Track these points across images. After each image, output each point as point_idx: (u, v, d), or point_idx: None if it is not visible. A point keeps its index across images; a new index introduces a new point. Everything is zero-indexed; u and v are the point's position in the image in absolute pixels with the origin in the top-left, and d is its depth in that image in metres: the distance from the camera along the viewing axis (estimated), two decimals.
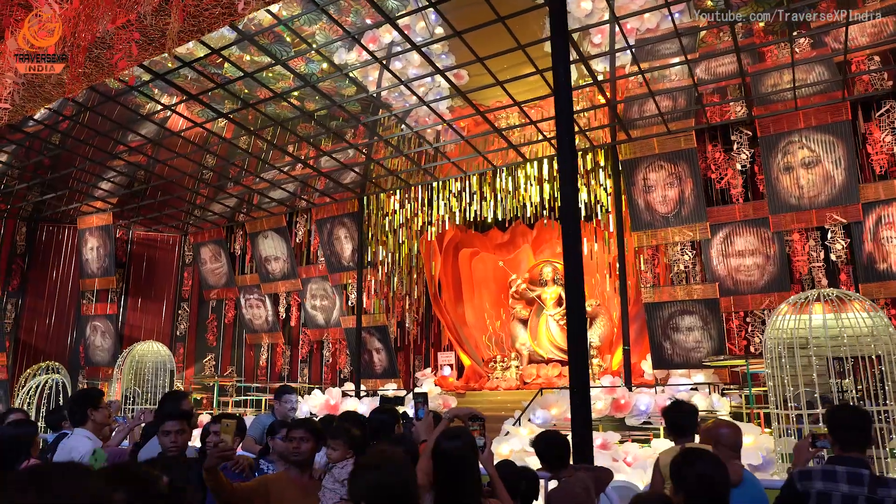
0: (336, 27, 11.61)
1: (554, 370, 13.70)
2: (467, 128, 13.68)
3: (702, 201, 10.58)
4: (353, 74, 12.16)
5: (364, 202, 13.13)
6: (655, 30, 11.18)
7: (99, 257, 14.40)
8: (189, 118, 11.16)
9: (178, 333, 15.56)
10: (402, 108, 11.35)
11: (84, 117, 11.55)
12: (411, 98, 12.85)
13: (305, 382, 14.44)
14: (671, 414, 3.65)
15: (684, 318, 10.99)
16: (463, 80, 12.94)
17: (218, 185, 13.79)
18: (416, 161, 11.93)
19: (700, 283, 10.87)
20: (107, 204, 14.30)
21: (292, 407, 5.20)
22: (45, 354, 14.31)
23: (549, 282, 14.46)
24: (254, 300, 14.85)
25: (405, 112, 11.73)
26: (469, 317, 15.03)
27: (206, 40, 11.08)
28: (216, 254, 15.26)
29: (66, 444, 3.90)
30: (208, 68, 12.64)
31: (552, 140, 11.15)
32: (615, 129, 11.13)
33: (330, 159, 12.48)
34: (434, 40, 10.04)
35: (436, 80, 12.57)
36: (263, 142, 13.45)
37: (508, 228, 15.37)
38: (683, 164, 10.59)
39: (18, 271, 14.55)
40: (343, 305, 13.64)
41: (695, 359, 10.84)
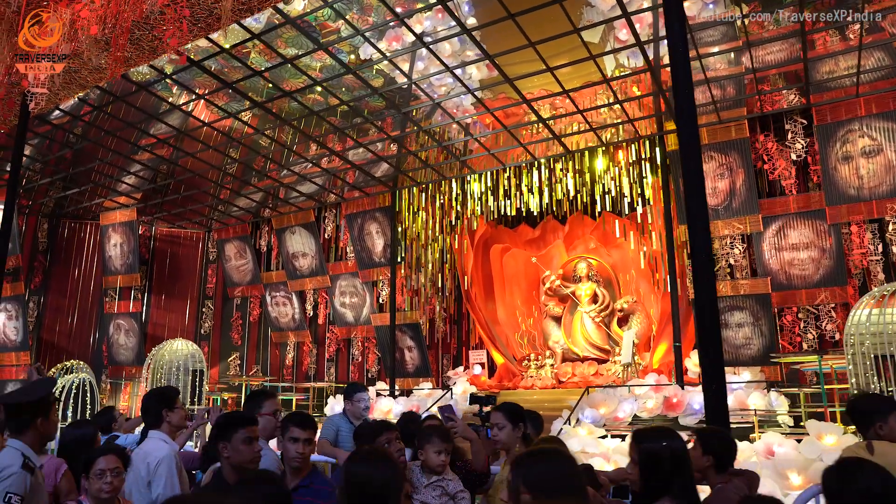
0: (366, 17, 11.35)
1: (590, 368, 13.33)
2: (492, 124, 13.32)
3: (753, 193, 10.20)
4: (381, 67, 11.85)
5: (396, 196, 12.76)
6: (694, 19, 10.86)
7: (122, 254, 14.08)
8: (217, 105, 10.79)
9: (203, 332, 15.22)
10: (436, 99, 10.97)
11: (107, 110, 11.23)
12: (440, 89, 12.52)
13: (332, 381, 14.09)
14: (860, 403, 3.30)
15: (734, 314, 10.61)
16: (492, 72, 12.60)
17: (243, 180, 13.45)
18: (453, 151, 11.55)
19: (751, 278, 10.48)
20: (130, 199, 13.98)
21: (366, 406, 4.84)
22: (68, 353, 13.98)
23: (584, 278, 14.08)
24: (280, 297, 14.50)
25: (445, 99, 11.37)
26: (500, 314, 14.66)
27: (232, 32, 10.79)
28: (241, 250, 14.92)
29: (141, 449, 3.54)
30: (231, 62, 12.35)
31: (598, 129, 10.78)
32: (661, 119, 10.76)
33: (360, 152, 12.14)
34: (473, 28, 9.69)
35: (466, 71, 12.25)
36: (291, 133, 13.13)
37: (539, 224, 15.02)
38: (735, 154, 10.21)
39: (40, 269, 14.23)
40: (374, 302, 13.29)
41: (745, 356, 10.46)
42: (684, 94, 3.99)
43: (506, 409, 3.48)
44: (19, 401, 2.83)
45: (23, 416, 2.78)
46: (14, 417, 2.79)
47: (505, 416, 3.42)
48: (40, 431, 2.83)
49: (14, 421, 2.79)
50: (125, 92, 10.44)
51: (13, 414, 2.80)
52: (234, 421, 2.87)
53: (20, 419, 2.79)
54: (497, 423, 3.41)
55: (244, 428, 2.83)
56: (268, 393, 3.77)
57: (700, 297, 3.93)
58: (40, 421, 2.82)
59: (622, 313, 13.86)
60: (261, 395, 3.75)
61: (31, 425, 2.80)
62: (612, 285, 14.20)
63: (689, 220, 4.09)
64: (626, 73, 10.25)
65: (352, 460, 2.38)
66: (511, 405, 3.56)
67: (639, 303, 13.88)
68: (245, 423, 2.87)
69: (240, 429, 2.82)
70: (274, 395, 3.78)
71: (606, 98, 11.69)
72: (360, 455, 2.44)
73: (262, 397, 3.73)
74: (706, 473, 2.97)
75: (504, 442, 3.40)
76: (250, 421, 2.89)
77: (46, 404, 2.88)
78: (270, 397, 3.75)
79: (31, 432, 2.81)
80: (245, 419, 2.89)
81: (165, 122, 11.00)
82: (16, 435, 2.79)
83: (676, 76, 4.06)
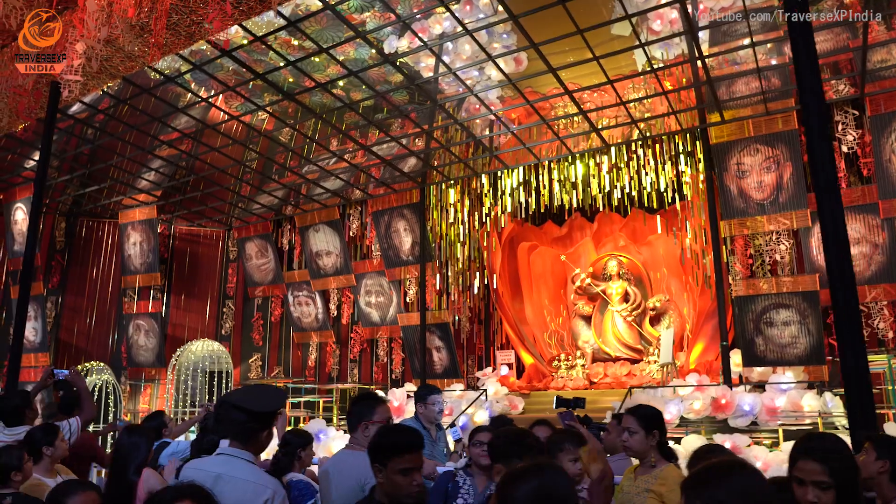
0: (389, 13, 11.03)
1: (622, 369, 12.98)
2: (518, 119, 12.99)
3: (801, 187, 9.83)
4: (405, 60, 11.54)
5: (425, 192, 12.41)
6: (730, 8, 10.55)
7: (142, 252, 13.75)
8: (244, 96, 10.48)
9: (223, 332, 14.88)
10: (465, 93, 10.64)
11: (124, 109, 10.94)
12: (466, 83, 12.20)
13: (356, 383, 13.75)
14: None
15: (779, 311, 10.23)
16: (522, 65, 12.28)
17: (267, 173, 13.12)
18: (485, 145, 11.20)
19: (797, 275, 10.12)
20: (150, 197, 13.66)
21: (440, 409, 4.48)
22: (87, 354, 13.66)
23: (614, 276, 13.74)
24: (303, 297, 14.16)
25: (483, 89, 11.06)
26: (528, 313, 14.32)
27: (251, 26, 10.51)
28: (262, 249, 14.58)
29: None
30: (253, 55, 12.05)
31: (638, 122, 10.43)
32: (703, 111, 10.42)
33: (385, 147, 11.82)
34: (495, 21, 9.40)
35: (485, 71, 11.94)
36: (314, 127, 12.82)
37: (566, 221, 14.68)
38: (782, 146, 9.85)
39: (58, 268, 13.90)
40: (401, 302, 12.94)
41: (791, 355, 10.09)
42: (808, 67, 3.60)
43: (640, 414, 3.13)
44: (262, 409, 2.43)
45: (251, 424, 2.41)
46: (242, 424, 2.42)
47: (638, 422, 3.08)
48: (262, 445, 2.47)
49: (240, 427, 2.43)
50: (144, 87, 10.14)
51: (241, 420, 2.43)
52: (391, 446, 2.33)
53: (248, 427, 2.42)
54: (629, 427, 3.08)
55: (401, 456, 2.31)
56: (379, 398, 3.27)
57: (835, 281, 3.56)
58: (266, 434, 2.46)
59: (654, 312, 13.52)
60: (371, 401, 3.22)
61: (257, 437, 2.45)
62: (643, 283, 13.86)
63: (821, 211, 3.68)
64: (672, 64, 9.90)
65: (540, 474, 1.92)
66: (647, 409, 3.21)
67: (671, 301, 13.53)
68: (404, 449, 2.32)
69: (395, 456, 2.30)
70: (385, 401, 3.27)
71: (645, 91, 11.38)
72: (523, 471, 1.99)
73: (374, 403, 3.19)
74: (879, 481, 2.62)
75: (636, 450, 3.06)
76: (410, 447, 2.34)
77: (273, 416, 2.51)
78: (382, 403, 3.21)
79: (255, 444, 2.46)
80: (404, 445, 2.34)
81: (188, 114, 10.67)
82: (242, 445, 2.43)
83: (797, 46, 3.68)
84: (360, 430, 3.05)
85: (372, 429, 2.96)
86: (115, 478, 3.82)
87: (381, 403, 3.14)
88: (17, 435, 4.50)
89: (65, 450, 4.20)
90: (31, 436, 4.06)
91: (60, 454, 4.09)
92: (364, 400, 3.19)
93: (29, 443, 3.95)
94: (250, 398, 2.42)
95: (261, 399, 2.42)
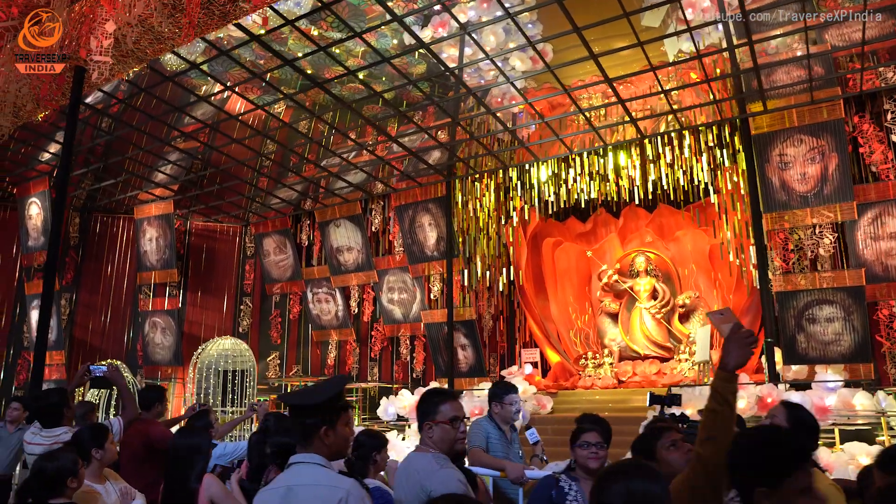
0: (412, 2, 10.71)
1: (652, 367, 12.67)
2: (541, 112, 12.65)
3: (847, 178, 9.50)
4: (423, 52, 11.21)
5: (451, 186, 12.07)
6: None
7: (158, 248, 13.42)
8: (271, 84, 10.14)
9: (241, 330, 14.54)
10: (486, 85, 10.30)
11: (138, 100, 10.61)
12: (487, 75, 11.87)
13: (376, 381, 13.42)
14: None
15: (822, 308, 9.89)
16: (548, 56, 11.93)
17: (287, 168, 12.78)
18: (517, 135, 10.86)
19: (841, 269, 9.78)
20: (166, 191, 13.32)
21: (518, 409, 4.15)
22: (102, 353, 13.33)
23: (642, 273, 13.42)
24: (322, 294, 13.83)
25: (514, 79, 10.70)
26: (553, 311, 14.00)
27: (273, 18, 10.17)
28: (281, 245, 14.24)
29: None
30: (272, 45, 11.72)
31: (677, 112, 10.10)
32: (743, 101, 10.07)
33: (408, 141, 11.49)
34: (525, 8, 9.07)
35: (509, 62, 11.60)
36: (336, 118, 12.48)
37: (590, 217, 14.36)
38: (828, 136, 9.50)
39: (72, 265, 13.57)
40: (425, 299, 12.61)
41: (834, 352, 9.75)
42: None
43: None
44: (312, 401, 2.10)
45: (309, 422, 2.08)
46: (300, 424, 2.07)
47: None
48: (332, 445, 2.12)
49: (300, 429, 2.07)
50: (166, 74, 9.81)
51: (300, 421, 2.08)
52: None
53: (306, 427, 2.09)
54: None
55: None
56: (445, 394, 2.92)
57: None
58: (325, 430, 2.10)
59: (683, 309, 13.21)
60: (436, 398, 2.87)
61: (317, 435, 2.09)
62: (671, 280, 13.54)
63: None
64: (714, 51, 9.56)
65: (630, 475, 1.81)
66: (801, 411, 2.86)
67: (701, 298, 13.22)
68: None
69: None
70: (452, 397, 2.95)
71: (677, 81, 11.05)
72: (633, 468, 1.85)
73: (439, 400, 2.85)
74: None
75: None
76: None
77: (334, 410, 2.15)
78: (446, 401, 2.85)
79: (319, 445, 2.11)
80: None
81: (210, 102, 10.32)
82: (305, 448, 2.14)
83: None
84: (425, 431, 2.82)
85: (436, 430, 2.74)
86: (174, 484, 3.49)
87: (446, 401, 2.81)
88: (56, 437, 4.16)
89: (114, 453, 3.87)
90: (79, 437, 3.72)
91: (110, 458, 3.76)
92: (429, 398, 2.87)
93: (77, 445, 3.61)
94: (304, 393, 2.12)
95: (314, 391, 2.11)
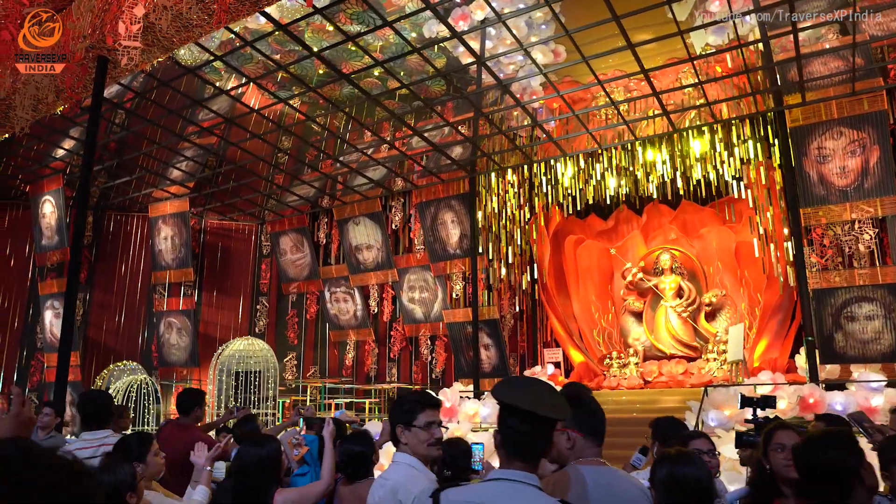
0: None
1: (678, 367, 12.38)
2: (560, 108, 12.39)
3: (889, 171, 9.22)
4: (443, 46, 10.97)
5: (474, 182, 11.79)
6: None
7: (174, 247, 13.15)
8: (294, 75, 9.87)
9: (257, 330, 14.26)
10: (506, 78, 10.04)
11: (151, 96, 10.35)
12: (507, 68, 11.60)
13: (395, 382, 13.15)
14: None
15: (862, 305, 9.62)
16: (560, 56, 11.67)
17: (305, 163, 12.51)
18: (544, 129, 10.58)
19: (881, 266, 9.51)
20: (181, 189, 13.06)
21: None
22: (116, 353, 13.07)
23: (667, 270, 13.12)
24: (340, 293, 13.56)
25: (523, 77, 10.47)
26: (576, 309, 13.70)
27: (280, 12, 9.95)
28: (298, 243, 13.97)
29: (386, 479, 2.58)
30: (285, 45, 11.48)
31: (713, 104, 9.82)
32: (779, 93, 9.80)
33: (430, 136, 11.23)
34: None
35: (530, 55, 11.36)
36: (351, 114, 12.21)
37: (612, 214, 14.07)
38: (869, 128, 9.23)
39: (86, 264, 13.30)
40: (447, 298, 12.33)
41: (873, 351, 9.48)
42: None
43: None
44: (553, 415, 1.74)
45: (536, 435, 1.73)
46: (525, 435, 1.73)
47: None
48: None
49: (523, 440, 1.74)
50: (174, 73, 9.57)
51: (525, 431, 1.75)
52: None
53: (534, 441, 1.72)
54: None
55: None
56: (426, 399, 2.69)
57: None
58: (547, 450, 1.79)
59: (710, 308, 12.92)
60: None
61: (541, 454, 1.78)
62: (696, 278, 13.25)
63: None
64: (747, 43, 9.28)
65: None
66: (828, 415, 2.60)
67: (727, 296, 12.93)
68: None
69: None
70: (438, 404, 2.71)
71: (705, 75, 10.78)
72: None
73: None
74: None
75: None
76: None
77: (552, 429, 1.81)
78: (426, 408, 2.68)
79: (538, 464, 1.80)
80: None
81: (229, 95, 10.06)
82: (529, 466, 1.80)
83: None
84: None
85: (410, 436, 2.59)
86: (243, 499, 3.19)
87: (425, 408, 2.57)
88: (100, 440, 3.80)
89: (161, 466, 3.47)
90: (125, 445, 3.38)
91: (154, 472, 3.35)
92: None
93: (125, 452, 3.28)
94: (534, 398, 1.72)
95: (547, 401, 1.74)
